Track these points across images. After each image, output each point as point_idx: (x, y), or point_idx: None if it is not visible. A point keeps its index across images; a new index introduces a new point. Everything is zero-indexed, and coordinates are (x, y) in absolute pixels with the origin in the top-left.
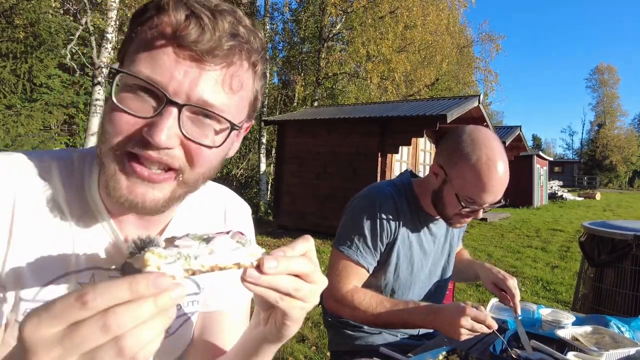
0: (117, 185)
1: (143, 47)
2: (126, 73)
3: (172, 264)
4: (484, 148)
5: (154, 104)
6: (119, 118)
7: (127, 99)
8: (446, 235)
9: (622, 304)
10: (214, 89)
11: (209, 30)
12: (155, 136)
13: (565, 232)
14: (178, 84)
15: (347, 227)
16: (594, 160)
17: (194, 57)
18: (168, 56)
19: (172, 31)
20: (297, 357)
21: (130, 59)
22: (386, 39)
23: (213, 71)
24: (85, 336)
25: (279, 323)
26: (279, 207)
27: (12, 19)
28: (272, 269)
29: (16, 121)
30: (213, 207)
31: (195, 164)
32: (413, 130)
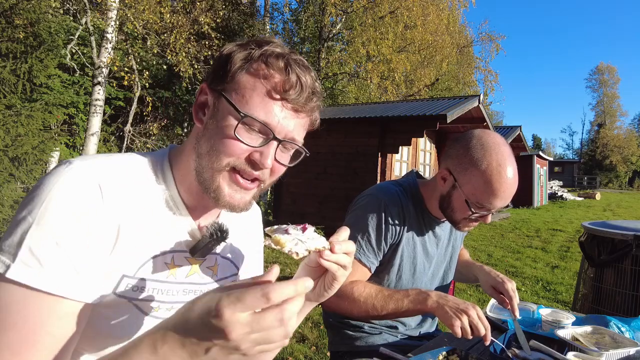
0: (221, 193)
1: (257, 94)
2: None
3: (297, 246)
4: (494, 153)
5: (263, 137)
6: (235, 145)
7: (242, 131)
8: (449, 237)
9: (622, 304)
10: (299, 131)
11: (305, 91)
12: (264, 162)
13: (565, 232)
14: (282, 127)
15: (351, 225)
16: (594, 160)
17: (295, 108)
18: (278, 107)
19: (282, 89)
20: (297, 357)
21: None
22: (386, 39)
23: (302, 119)
24: (266, 321)
25: (329, 285)
26: (279, 207)
27: (12, 19)
28: (339, 249)
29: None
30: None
31: (273, 176)
32: (413, 130)
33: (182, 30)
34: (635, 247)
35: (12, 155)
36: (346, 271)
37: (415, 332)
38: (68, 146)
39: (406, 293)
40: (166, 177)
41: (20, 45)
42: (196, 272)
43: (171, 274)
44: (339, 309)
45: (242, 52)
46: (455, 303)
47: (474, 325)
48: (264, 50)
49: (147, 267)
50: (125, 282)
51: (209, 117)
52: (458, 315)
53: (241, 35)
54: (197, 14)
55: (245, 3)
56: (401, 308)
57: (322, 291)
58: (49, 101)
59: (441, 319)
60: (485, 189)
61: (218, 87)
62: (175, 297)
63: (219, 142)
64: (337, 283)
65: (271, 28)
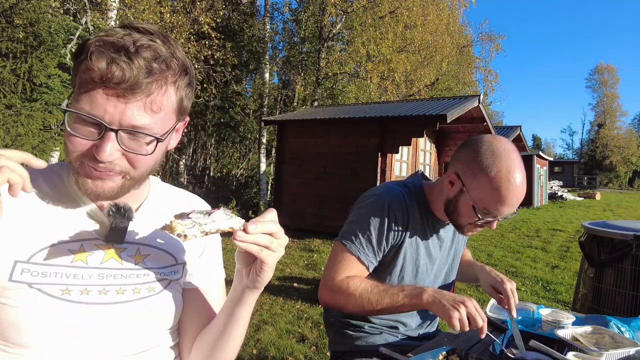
0: (84, 183)
1: (82, 87)
2: (74, 112)
3: (191, 229)
4: (504, 160)
5: (97, 130)
6: (75, 141)
7: (78, 127)
8: (452, 240)
9: (622, 304)
10: (138, 114)
11: (127, 72)
12: (100, 155)
13: (565, 232)
14: (110, 115)
15: (354, 223)
16: (594, 160)
17: (118, 94)
18: (100, 95)
19: (99, 76)
20: (297, 357)
21: (76, 95)
22: (386, 39)
23: (135, 102)
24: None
25: (259, 270)
26: (279, 207)
27: (12, 18)
28: (254, 229)
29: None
30: (182, 199)
31: (136, 167)
32: (413, 130)
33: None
34: (635, 247)
35: None
36: (274, 253)
37: (416, 333)
38: None
39: (401, 288)
40: (69, 175)
41: (20, 45)
42: (112, 257)
43: (79, 259)
44: (334, 303)
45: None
46: (451, 296)
47: (471, 316)
48: (90, 42)
49: (43, 253)
50: (20, 268)
51: None
52: (455, 306)
53: (241, 35)
54: (197, 13)
55: (245, 3)
56: (396, 302)
57: (255, 276)
58: (49, 101)
59: (438, 313)
60: (493, 195)
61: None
62: (89, 281)
63: (66, 139)
64: (266, 266)
65: (271, 28)
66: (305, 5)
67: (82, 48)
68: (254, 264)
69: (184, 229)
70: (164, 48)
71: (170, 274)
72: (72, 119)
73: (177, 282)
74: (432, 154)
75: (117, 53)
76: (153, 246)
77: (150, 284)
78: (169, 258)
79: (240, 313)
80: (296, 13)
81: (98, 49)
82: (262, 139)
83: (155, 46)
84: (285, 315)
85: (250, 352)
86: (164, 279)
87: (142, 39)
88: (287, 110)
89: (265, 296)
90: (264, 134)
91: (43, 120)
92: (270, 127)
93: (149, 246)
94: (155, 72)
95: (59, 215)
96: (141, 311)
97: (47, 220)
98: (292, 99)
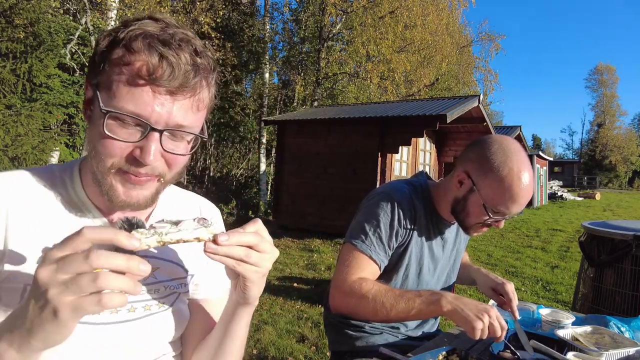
0: (115, 193)
1: (123, 84)
2: (116, 112)
3: (149, 238)
4: (515, 159)
5: (140, 130)
6: (111, 144)
7: (116, 128)
8: (455, 240)
9: (622, 304)
10: (185, 114)
11: (177, 69)
12: (146, 158)
13: (565, 232)
14: (158, 115)
15: (362, 222)
16: (593, 160)
17: (168, 91)
18: (147, 93)
19: (147, 72)
20: (297, 357)
21: (110, 93)
22: (386, 39)
23: (183, 100)
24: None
25: (242, 285)
26: (279, 207)
27: (12, 18)
28: (225, 241)
29: (16, 121)
30: (190, 204)
31: (173, 168)
32: (413, 130)
33: None
34: (635, 247)
35: (12, 155)
36: (256, 267)
37: (417, 333)
38: (68, 146)
39: (418, 293)
40: (74, 182)
41: (20, 45)
42: None
43: None
44: (346, 307)
45: (107, 37)
46: (474, 304)
47: (492, 327)
48: (127, 31)
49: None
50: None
51: (90, 114)
52: (480, 316)
53: (241, 35)
54: (197, 13)
55: (245, 3)
56: (412, 308)
57: (241, 292)
58: (49, 101)
59: (459, 323)
60: (505, 194)
61: (94, 81)
62: None
63: (98, 143)
64: (248, 281)
65: (271, 28)
66: (305, 5)
67: (115, 41)
68: (239, 279)
69: (140, 237)
70: (198, 42)
71: (179, 287)
72: (107, 118)
73: (185, 294)
74: (432, 154)
75: (165, 47)
76: (163, 258)
77: (160, 299)
78: (178, 270)
79: (234, 329)
80: (296, 13)
81: (145, 41)
82: (262, 139)
83: (192, 39)
84: (285, 315)
85: (250, 352)
86: (173, 292)
87: (178, 32)
88: (287, 110)
89: (265, 296)
90: (263, 134)
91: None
92: (270, 127)
93: (159, 258)
94: (200, 69)
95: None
96: (151, 327)
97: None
98: (292, 99)
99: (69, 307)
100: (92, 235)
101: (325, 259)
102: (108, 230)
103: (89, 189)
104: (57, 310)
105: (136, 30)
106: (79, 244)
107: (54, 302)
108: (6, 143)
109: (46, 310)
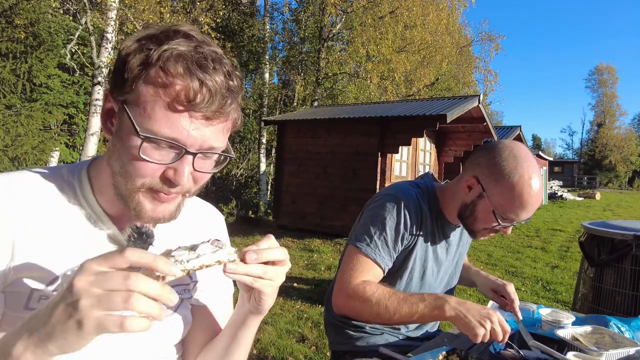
0: (143, 209)
1: (159, 107)
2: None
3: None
4: (526, 166)
5: (175, 152)
6: (145, 165)
7: (150, 150)
8: (459, 243)
9: (622, 304)
10: (217, 136)
11: (215, 96)
12: (180, 180)
13: (565, 232)
14: (193, 139)
15: (367, 225)
16: (593, 160)
17: (204, 116)
18: (184, 118)
19: (186, 98)
20: (297, 357)
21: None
22: (386, 39)
23: (217, 124)
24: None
25: (257, 298)
26: (279, 207)
27: (12, 19)
28: (254, 259)
29: (16, 121)
30: (194, 211)
31: (198, 184)
32: (413, 130)
33: None
34: (635, 247)
35: (12, 155)
36: (272, 281)
37: (417, 333)
38: (68, 146)
39: (421, 297)
40: (84, 189)
41: (20, 45)
42: None
43: None
44: (349, 309)
45: (139, 54)
46: (476, 310)
47: (494, 331)
48: (162, 51)
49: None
50: (37, 295)
51: (116, 129)
52: (482, 323)
53: (241, 35)
54: (197, 13)
55: (245, 3)
56: (415, 313)
57: (255, 304)
58: (49, 101)
59: (461, 328)
60: (515, 201)
61: (120, 98)
62: None
63: (128, 163)
64: (264, 295)
65: (271, 28)
66: (305, 5)
67: (151, 59)
68: (254, 291)
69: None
70: (227, 60)
71: (183, 293)
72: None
73: (188, 300)
74: (432, 154)
75: (203, 71)
76: None
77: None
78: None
79: (242, 336)
80: (296, 13)
81: (183, 64)
82: (262, 139)
83: (222, 59)
84: (285, 315)
85: (250, 352)
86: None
87: (209, 51)
88: (287, 110)
89: None
90: (263, 134)
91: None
92: (270, 127)
93: None
94: (234, 92)
95: (78, 239)
96: (154, 333)
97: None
98: (292, 99)
99: (94, 321)
100: (133, 257)
101: (325, 259)
102: (148, 256)
103: (100, 196)
104: (83, 322)
105: (171, 50)
106: (119, 262)
107: (82, 313)
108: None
109: (72, 319)
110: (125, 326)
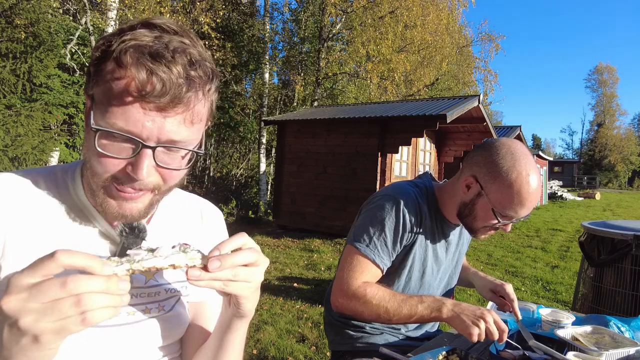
0: (108, 205)
1: (114, 100)
2: (107, 130)
3: (119, 266)
4: (524, 163)
5: (132, 147)
6: (104, 160)
7: (108, 144)
8: (458, 242)
9: (622, 304)
10: (177, 128)
11: (168, 84)
12: (138, 175)
13: (565, 232)
14: (149, 131)
15: (366, 225)
16: (593, 160)
17: (158, 107)
18: (137, 110)
19: (136, 89)
20: (297, 357)
21: (103, 109)
22: (386, 39)
23: (175, 115)
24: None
25: (235, 302)
26: (279, 207)
27: (12, 19)
28: (217, 268)
29: (16, 121)
30: (191, 207)
31: (168, 182)
32: (413, 130)
33: None
34: (635, 247)
35: (12, 155)
36: (247, 283)
37: (417, 333)
38: (68, 146)
39: (420, 299)
40: (76, 187)
41: (20, 45)
42: None
43: None
44: (350, 310)
45: (100, 48)
46: (471, 311)
47: (489, 331)
48: (118, 44)
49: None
50: None
51: (85, 125)
52: (476, 322)
53: (241, 35)
54: (197, 13)
55: (245, 3)
56: (414, 314)
57: (235, 308)
58: (49, 101)
59: (457, 328)
60: (514, 198)
61: (89, 92)
62: None
63: (91, 158)
64: (242, 299)
65: (271, 28)
66: (305, 5)
67: (107, 53)
68: (231, 295)
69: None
70: (194, 50)
71: (179, 290)
72: (98, 136)
73: (185, 297)
74: (432, 154)
75: (154, 61)
76: None
77: (161, 303)
78: (179, 273)
79: (230, 340)
80: (296, 13)
81: (134, 55)
82: (262, 139)
83: (187, 48)
84: (285, 315)
85: (250, 352)
86: (173, 295)
87: (173, 40)
88: (287, 110)
89: (265, 296)
90: (263, 134)
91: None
92: (270, 127)
93: None
94: (194, 82)
95: (70, 236)
96: (151, 330)
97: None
98: (292, 99)
99: (50, 331)
100: (66, 260)
101: (325, 259)
102: (82, 256)
103: (90, 194)
104: (38, 336)
105: (128, 42)
106: (52, 269)
107: (31, 330)
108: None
109: (24, 338)
110: (87, 321)
